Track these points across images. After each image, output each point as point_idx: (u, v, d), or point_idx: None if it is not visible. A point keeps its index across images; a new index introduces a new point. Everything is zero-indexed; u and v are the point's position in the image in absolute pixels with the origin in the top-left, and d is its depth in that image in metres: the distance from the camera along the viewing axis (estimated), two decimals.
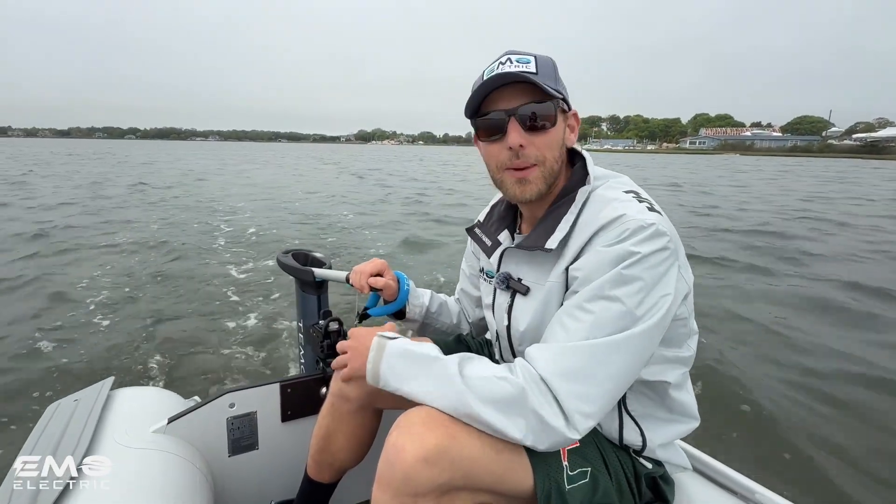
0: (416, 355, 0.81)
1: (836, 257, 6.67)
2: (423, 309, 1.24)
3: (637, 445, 0.91)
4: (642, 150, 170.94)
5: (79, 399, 1.14)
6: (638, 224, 0.77)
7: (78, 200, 11.01)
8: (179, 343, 3.33)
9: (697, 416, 0.96)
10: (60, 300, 4.21)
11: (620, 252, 0.76)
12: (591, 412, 0.73)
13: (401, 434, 0.73)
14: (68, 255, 5.84)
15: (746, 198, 14.81)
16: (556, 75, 0.88)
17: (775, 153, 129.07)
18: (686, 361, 0.92)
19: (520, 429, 0.72)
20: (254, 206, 10.69)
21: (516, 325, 0.95)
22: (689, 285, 0.86)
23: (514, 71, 0.83)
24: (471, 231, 1.13)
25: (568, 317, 0.78)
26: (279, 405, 1.25)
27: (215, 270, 5.28)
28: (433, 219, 9.74)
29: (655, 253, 0.76)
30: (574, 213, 0.86)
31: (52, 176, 17.68)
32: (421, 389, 0.78)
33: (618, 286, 0.75)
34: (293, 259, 1.47)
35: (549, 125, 0.85)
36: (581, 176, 0.92)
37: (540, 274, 0.90)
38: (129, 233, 7.31)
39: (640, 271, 0.75)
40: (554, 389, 0.73)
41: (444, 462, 0.70)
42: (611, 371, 0.74)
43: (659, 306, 0.76)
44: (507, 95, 0.85)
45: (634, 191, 0.88)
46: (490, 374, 0.76)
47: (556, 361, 0.74)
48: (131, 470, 0.92)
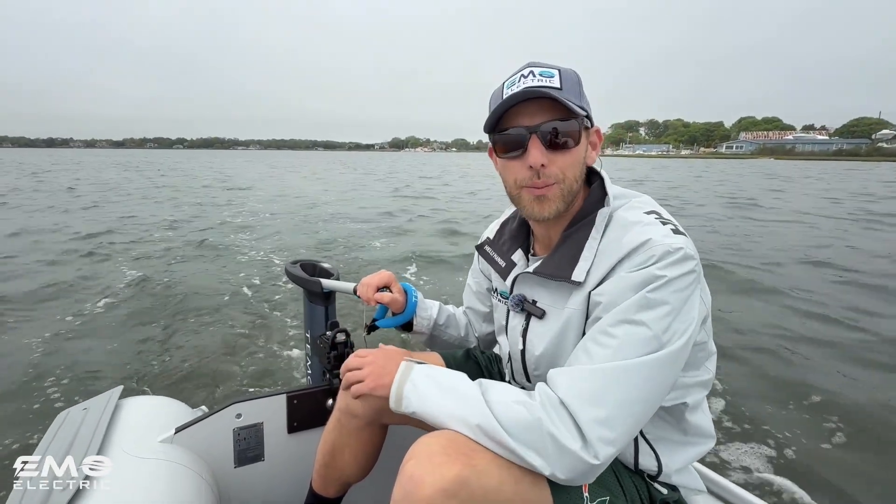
0: (440, 380, 0.80)
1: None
2: (431, 321, 1.22)
3: (653, 470, 0.88)
4: (676, 155, 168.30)
5: (88, 408, 1.14)
6: (665, 249, 0.74)
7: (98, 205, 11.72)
8: (188, 352, 3.35)
9: (714, 435, 0.93)
10: (72, 308, 4.31)
11: (646, 276, 0.73)
12: (613, 438, 0.69)
13: (419, 464, 0.70)
14: (85, 264, 6.01)
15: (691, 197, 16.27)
16: (581, 90, 0.84)
17: (819, 157, 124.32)
18: (706, 384, 0.89)
19: (538, 455, 0.69)
20: (269, 215, 10.92)
21: (531, 350, 0.92)
22: (707, 307, 0.83)
23: (537, 86, 0.79)
24: (481, 249, 1.11)
25: (592, 342, 0.75)
26: (286, 416, 1.25)
27: (225, 279, 5.34)
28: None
29: (682, 277, 0.74)
30: (597, 238, 0.83)
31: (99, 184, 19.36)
32: (443, 412, 0.75)
33: (643, 310, 0.72)
34: (301, 269, 1.47)
35: (571, 143, 0.82)
36: (599, 196, 0.88)
37: (557, 298, 0.87)
38: (139, 245, 7.33)
39: (667, 295, 0.73)
40: (573, 412, 0.70)
41: (463, 493, 0.67)
42: (633, 396, 0.71)
43: (684, 331, 0.74)
44: (529, 111, 0.81)
45: (656, 211, 0.84)
46: (510, 399, 0.74)
47: (575, 384, 0.72)
48: (138, 479, 0.93)
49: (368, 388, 0.89)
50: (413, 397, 0.80)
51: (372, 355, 0.92)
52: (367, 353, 0.93)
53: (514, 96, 0.80)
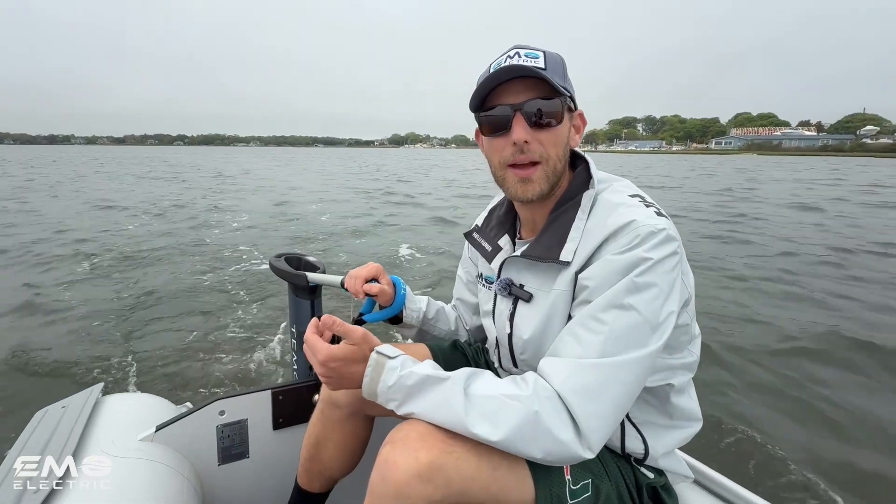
0: (417, 375, 0.75)
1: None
2: (421, 315, 1.20)
3: (639, 454, 0.88)
4: (667, 151, 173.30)
5: (66, 405, 1.12)
6: (648, 230, 0.75)
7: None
8: (171, 348, 3.30)
9: (700, 418, 0.94)
10: (49, 304, 4.20)
11: (632, 259, 0.74)
12: (607, 431, 0.72)
13: (394, 448, 0.71)
14: (59, 262, 5.78)
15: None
16: (565, 73, 0.85)
17: (804, 153, 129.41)
18: (691, 367, 0.90)
19: (531, 447, 0.70)
20: (250, 209, 10.92)
21: (519, 334, 0.92)
22: (689, 290, 0.85)
23: (522, 64, 0.80)
24: (469, 236, 1.12)
25: (582, 328, 0.75)
26: (270, 413, 1.23)
27: (210, 273, 5.22)
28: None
29: (667, 258, 0.75)
30: (583, 219, 0.84)
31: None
32: (422, 409, 0.74)
33: (631, 294, 0.73)
34: (286, 263, 1.45)
35: (555, 122, 0.83)
36: (584, 179, 0.89)
37: (544, 281, 0.87)
38: (121, 238, 7.25)
39: (654, 277, 0.74)
40: (570, 407, 0.70)
41: (438, 479, 0.68)
42: (628, 390, 0.73)
43: (673, 312, 0.75)
44: (513, 90, 0.83)
45: (640, 195, 0.86)
46: (498, 392, 0.72)
47: (573, 378, 0.72)
48: (117, 479, 0.89)
49: (331, 388, 0.84)
50: (388, 397, 0.77)
51: (336, 360, 0.80)
52: (328, 356, 0.80)
53: (499, 74, 0.81)
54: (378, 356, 0.80)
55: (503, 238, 1.03)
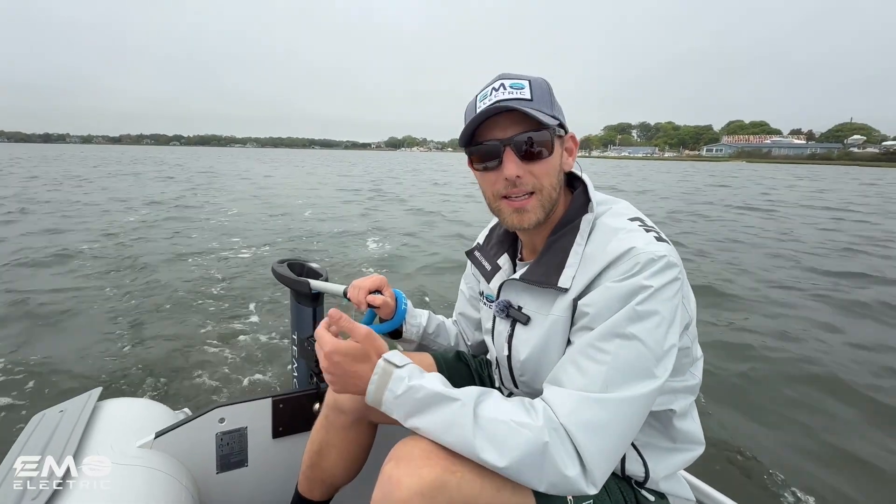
0: (426, 390, 0.74)
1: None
2: (421, 329, 1.21)
3: (640, 476, 0.88)
4: (659, 157, 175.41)
5: (64, 410, 1.11)
6: (648, 257, 0.75)
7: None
8: (171, 352, 3.28)
9: (703, 441, 0.92)
10: (51, 305, 4.14)
11: (632, 287, 0.73)
12: (611, 466, 0.71)
13: (398, 466, 0.71)
14: (56, 264, 5.68)
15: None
16: (552, 99, 0.85)
17: (793, 160, 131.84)
18: (692, 390, 0.89)
19: (534, 476, 0.69)
20: (253, 212, 10.77)
21: (517, 356, 0.92)
22: (690, 314, 0.85)
23: (507, 98, 0.81)
24: (470, 254, 1.13)
25: (583, 357, 0.75)
26: (270, 421, 1.22)
27: (210, 278, 5.19)
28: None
29: (668, 285, 0.74)
30: (581, 244, 0.84)
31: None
32: (429, 426, 0.73)
33: (633, 323, 0.72)
34: (289, 269, 1.44)
35: (546, 153, 0.83)
36: (582, 202, 0.89)
37: (542, 304, 0.87)
38: (118, 238, 7.13)
39: (655, 305, 0.73)
40: (577, 442, 0.69)
41: (441, 498, 0.68)
42: (634, 423, 0.72)
43: (675, 344, 0.75)
44: (501, 123, 0.83)
45: (639, 218, 0.85)
46: (508, 417, 0.71)
47: (579, 412, 0.70)
48: (114, 486, 0.89)
49: (335, 390, 0.83)
50: (394, 406, 0.76)
51: (339, 354, 0.80)
52: (333, 348, 0.80)
53: (486, 111, 0.81)
54: (385, 364, 0.79)
55: (502, 257, 1.03)
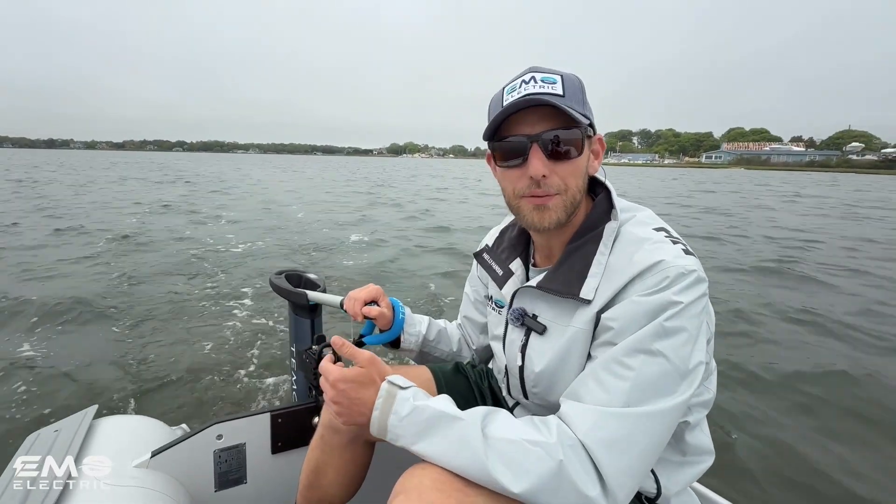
0: (431, 409, 0.72)
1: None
2: (420, 338, 1.18)
3: (651, 493, 0.83)
4: (659, 164, 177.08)
5: (59, 429, 1.08)
6: (678, 271, 0.72)
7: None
8: (167, 367, 3.22)
9: (713, 451, 0.90)
10: (44, 319, 4.03)
11: (661, 302, 0.70)
12: (634, 486, 0.67)
13: (408, 499, 0.66)
14: (50, 271, 5.56)
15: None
16: (584, 97, 0.80)
17: (792, 167, 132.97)
18: (707, 404, 0.87)
19: (552, 502, 0.64)
20: (247, 219, 10.62)
21: (531, 366, 0.88)
22: (711, 329, 0.82)
23: (538, 93, 0.76)
24: (479, 256, 1.09)
25: (606, 372, 0.71)
26: (269, 436, 1.20)
27: (206, 292, 5.05)
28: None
29: (696, 301, 0.72)
30: (605, 253, 0.80)
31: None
32: (437, 450, 0.69)
33: (660, 339, 0.69)
34: (286, 280, 1.43)
35: (574, 153, 0.79)
36: (605, 208, 0.85)
37: (560, 314, 0.83)
38: (114, 252, 6.87)
39: (684, 322, 0.70)
40: (596, 459, 0.66)
41: None
42: (657, 441, 0.69)
43: (702, 361, 0.72)
44: (530, 119, 0.78)
45: (665, 228, 0.82)
46: (519, 437, 0.67)
47: (599, 427, 0.67)
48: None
49: (343, 421, 0.81)
50: (399, 431, 0.73)
51: (345, 381, 0.79)
52: (338, 376, 0.79)
53: (515, 104, 0.77)
54: (389, 386, 0.77)
55: (515, 262, 0.99)
